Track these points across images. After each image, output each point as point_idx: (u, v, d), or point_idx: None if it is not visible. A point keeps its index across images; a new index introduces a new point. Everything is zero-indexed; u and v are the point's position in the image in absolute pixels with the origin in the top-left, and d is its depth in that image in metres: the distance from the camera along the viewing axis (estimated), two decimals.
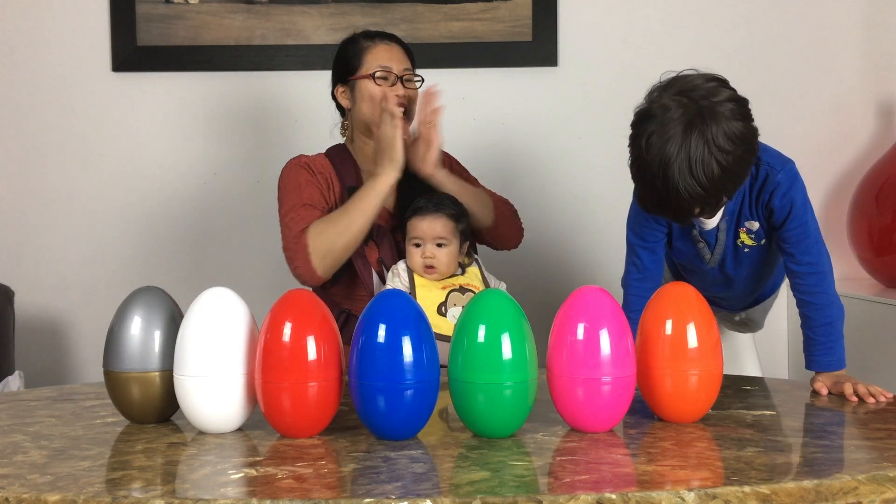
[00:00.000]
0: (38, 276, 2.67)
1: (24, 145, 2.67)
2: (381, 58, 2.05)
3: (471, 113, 2.67)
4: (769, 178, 1.64)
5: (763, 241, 1.71)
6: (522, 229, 2.16)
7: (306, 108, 2.67)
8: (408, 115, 2.04)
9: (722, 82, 1.53)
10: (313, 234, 1.91)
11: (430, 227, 1.87)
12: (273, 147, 2.69)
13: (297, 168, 2.04)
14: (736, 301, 1.96)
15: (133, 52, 2.64)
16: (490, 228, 2.05)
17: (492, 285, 1.92)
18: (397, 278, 1.90)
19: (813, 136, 2.77)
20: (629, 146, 1.56)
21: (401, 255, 1.99)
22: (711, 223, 1.70)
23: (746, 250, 1.72)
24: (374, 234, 1.99)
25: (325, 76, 2.53)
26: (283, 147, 2.68)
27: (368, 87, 2.04)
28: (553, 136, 2.73)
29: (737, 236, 1.70)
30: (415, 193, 2.01)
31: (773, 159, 1.66)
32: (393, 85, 2.03)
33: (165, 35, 2.63)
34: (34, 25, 2.65)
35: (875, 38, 2.78)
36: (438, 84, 2.00)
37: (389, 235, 2.01)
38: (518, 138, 2.72)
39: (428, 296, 1.84)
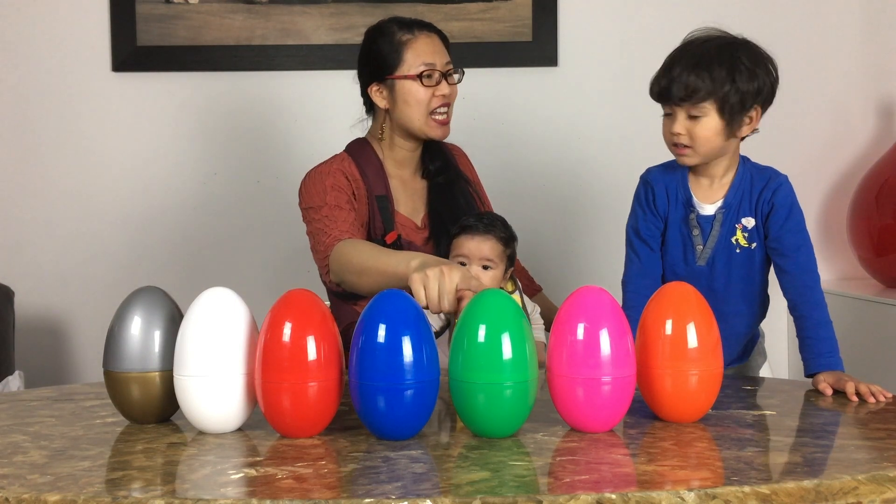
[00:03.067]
0: (38, 276, 2.67)
1: (25, 145, 2.67)
2: (423, 53, 1.91)
3: (471, 113, 2.67)
4: (772, 179, 1.72)
5: (754, 245, 1.72)
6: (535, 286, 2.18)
7: (306, 108, 2.67)
8: (448, 113, 1.95)
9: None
10: (335, 255, 1.82)
11: (477, 248, 1.79)
12: (273, 147, 2.69)
13: (323, 174, 1.93)
14: (724, 338, 1.81)
15: (133, 52, 2.64)
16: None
17: (528, 311, 1.87)
18: None
19: (813, 136, 2.77)
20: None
21: None
22: (709, 208, 1.72)
23: (738, 250, 1.72)
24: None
25: (325, 76, 2.52)
26: (283, 147, 2.69)
27: (413, 90, 1.91)
28: (553, 136, 2.73)
29: (732, 232, 1.71)
30: (446, 207, 1.96)
31: (773, 169, 1.75)
32: (437, 84, 1.91)
33: (165, 35, 2.63)
34: (34, 25, 2.65)
35: (875, 38, 2.78)
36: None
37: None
38: (518, 138, 2.72)
39: None
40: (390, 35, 1.93)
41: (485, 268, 1.80)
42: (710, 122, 1.66)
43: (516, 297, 1.87)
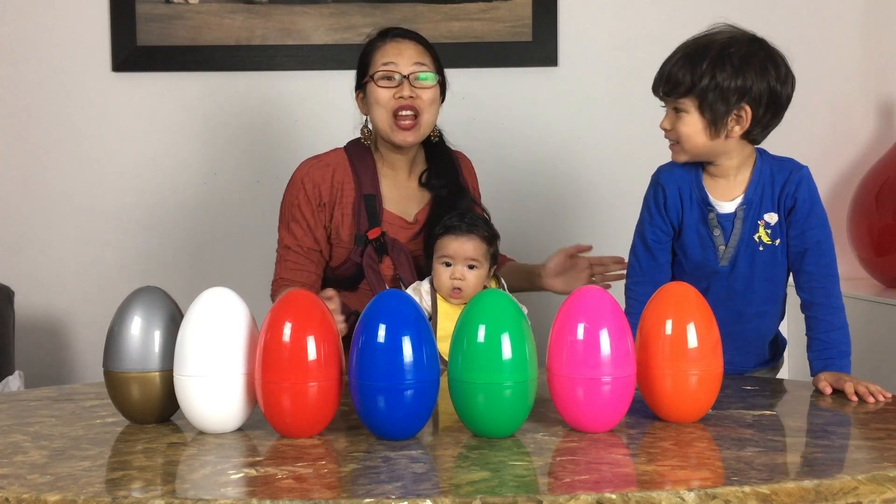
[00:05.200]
0: (38, 276, 2.67)
1: (24, 145, 2.67)
2: (386, 55, 1.92)
3: (471, 113, 2.67)
4: (794, 172, 1.68)
5: (778, 242, 1.68)
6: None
7: (306, 108, 2.67)
8: (418, 118, 1.92)
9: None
10: (275, 295, 1.98)
11: (461, 248, 1.79)
12: (273, 147, 2.69)
13: (300, 188, 1.97)
14: (747, 340, 1.77)
15: (133, 52, 2.64)
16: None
17: None
18: (417, 297, 1.81)
19: (813, 136, 2.77)
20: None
21: (419, 271, 1.92)
22: (728, 206, 1.68)
23: (762, 248, 1.67)
24: (389, 249, 1.91)
25: (325, 76, 2.53)
26: (283, 147, 2.68)
27: (373, 92, 1.93)
28: (553, 136, 2.73)
29: (754, 230, 1.67)
30: (438, 206, 1.97)
31: (794, 160, 1.72)
32: (398, 85, 1.91)
33: (165, 35, 2.63)
34: (34, 25, 2.65)
35: (875, 38, 2.78)
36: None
37: (406, 251, 1.93)
38: (518, 138, 2.72)
39: (449, 327, 1.77)
40: (369, 44, 1.99)
41: (470, 267, 1.80)
42: (690, 119, 1.63)
43: None
